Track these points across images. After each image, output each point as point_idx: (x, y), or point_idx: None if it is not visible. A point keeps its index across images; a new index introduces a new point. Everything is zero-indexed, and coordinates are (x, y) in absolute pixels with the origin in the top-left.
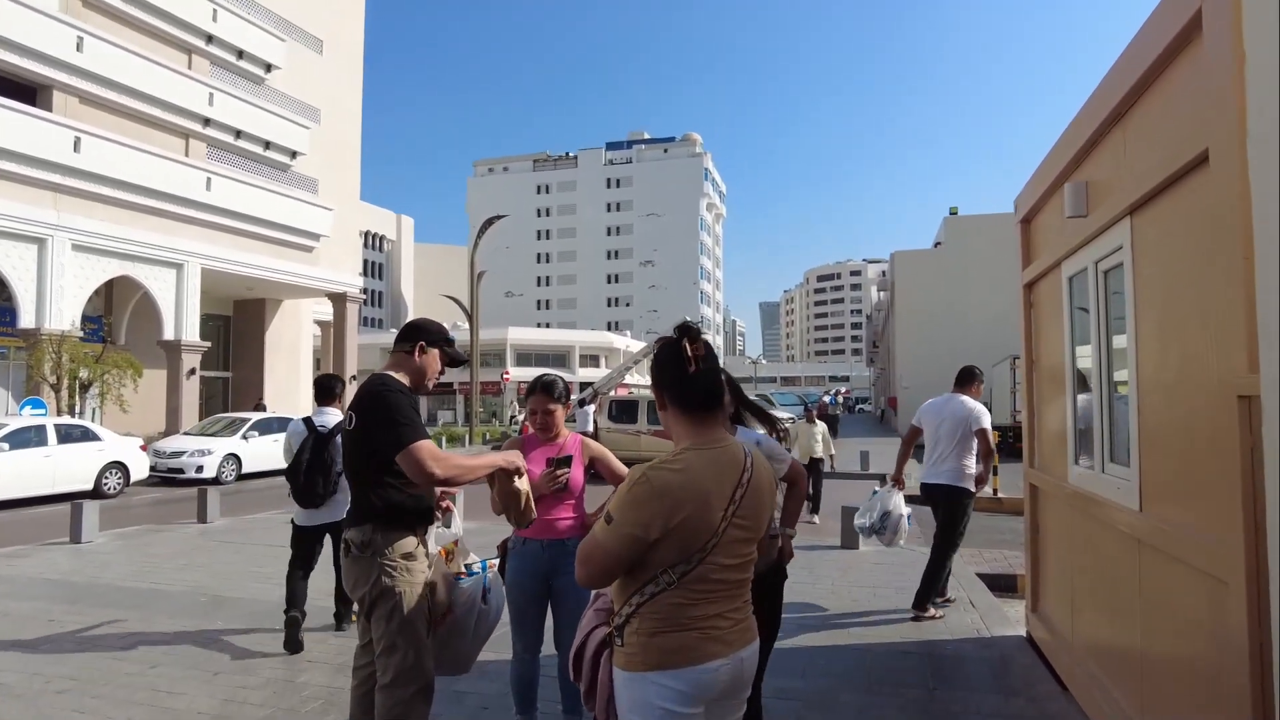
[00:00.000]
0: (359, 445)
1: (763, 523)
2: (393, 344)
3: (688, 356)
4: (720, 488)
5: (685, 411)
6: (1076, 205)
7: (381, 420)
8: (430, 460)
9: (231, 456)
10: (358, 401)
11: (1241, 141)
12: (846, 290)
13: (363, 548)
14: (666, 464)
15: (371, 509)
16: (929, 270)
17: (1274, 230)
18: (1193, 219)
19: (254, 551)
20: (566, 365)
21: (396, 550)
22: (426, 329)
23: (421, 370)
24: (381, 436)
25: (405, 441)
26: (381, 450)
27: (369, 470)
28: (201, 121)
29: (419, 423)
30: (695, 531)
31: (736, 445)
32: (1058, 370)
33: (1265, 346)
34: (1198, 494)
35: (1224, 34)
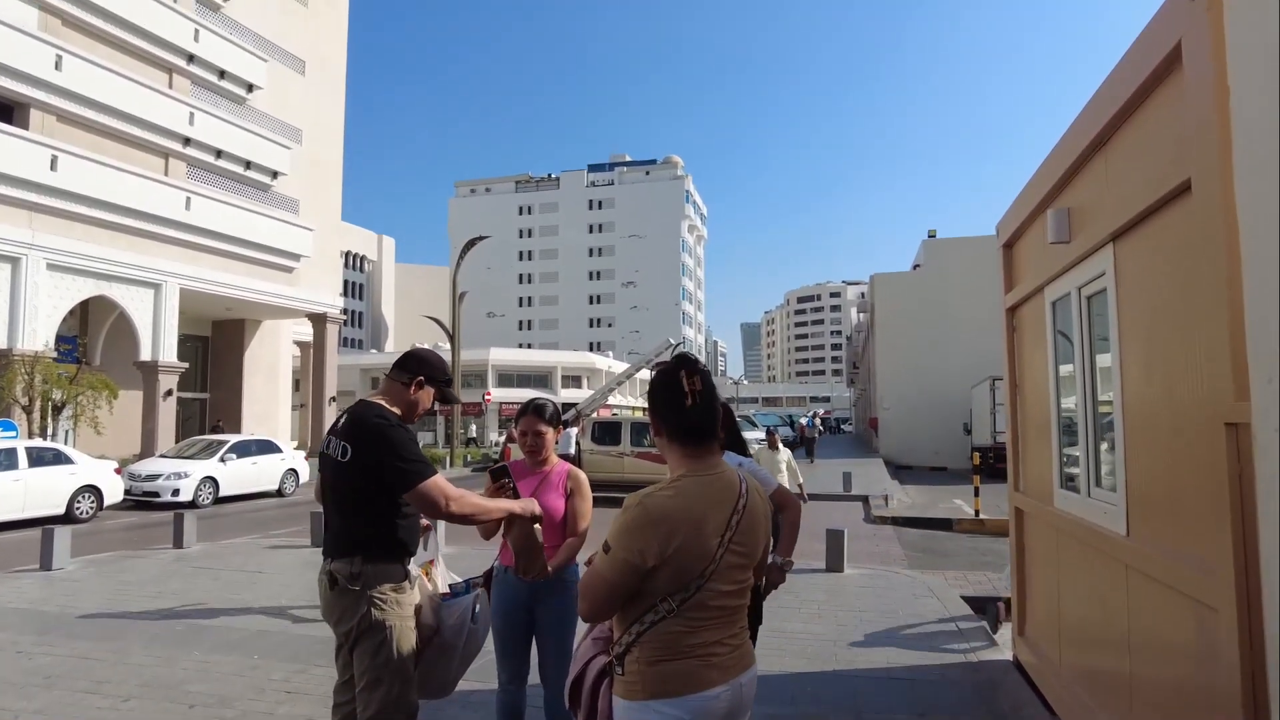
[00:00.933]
0: (351, 477)
1: (759, 549)
2: (389, 370)
3: (685, 390)
4: (716, 514)
5: (681, 441)
6: (1059, 231)
7: (388, 456)
8: (445, 498)
9: (209, 479)
10: (354, 433)
11: (1225, 172)
12: (826, 311)
13: (351, 580)
14: (661, 490)
15: (359, 540)
16: (908, 292)
17: (1264, 263)
18: (1176, 247)
19: (232, 578)
20: (548, 386)
21: (386, 582)
22: (429, 364)
23: (413, 405)
24: (391, 473)
25: (419, 478)
26: (390, 487)
27: (359, 502)
28: (182, 141)
29: (423, 460)
30: (692, 558)
31: (732, 472)
32: (1041, 394)
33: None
34: (1185, 519)
35: (1205, 67)
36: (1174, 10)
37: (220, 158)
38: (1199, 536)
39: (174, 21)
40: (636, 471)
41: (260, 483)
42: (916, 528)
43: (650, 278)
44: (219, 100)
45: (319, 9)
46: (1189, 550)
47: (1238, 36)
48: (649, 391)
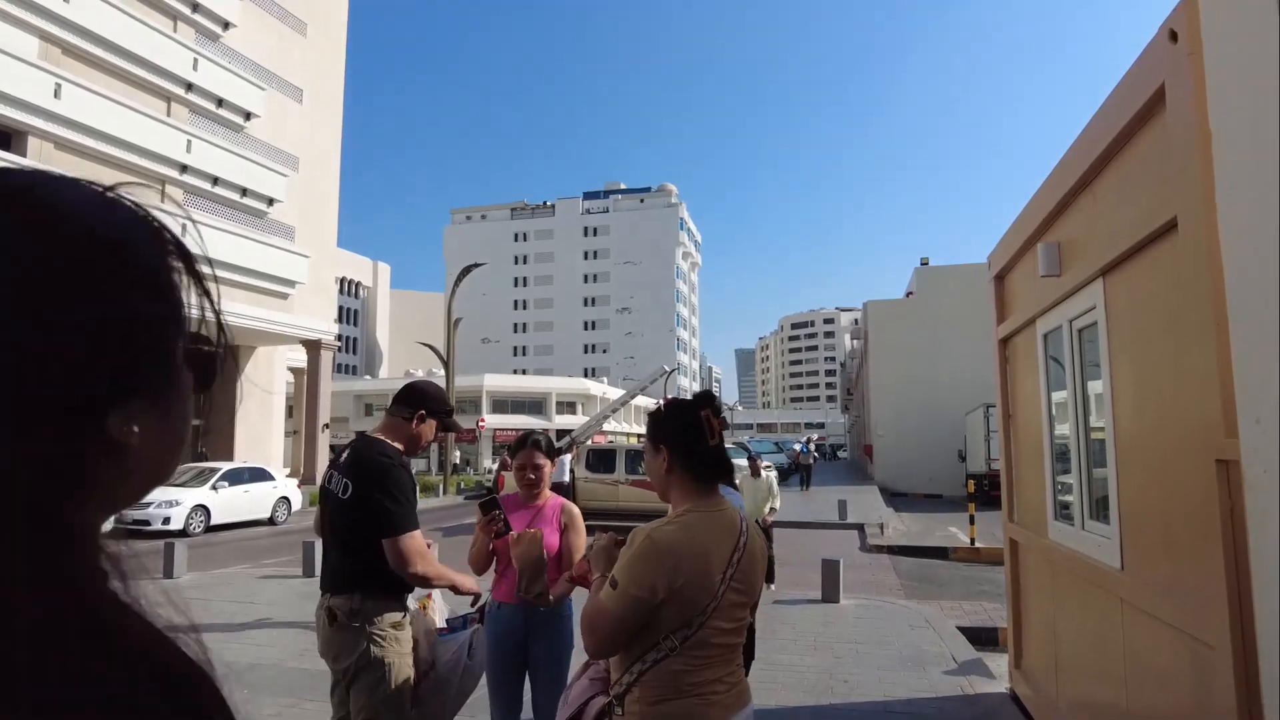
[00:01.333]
0: (351, 514)
1: (757, 587)
2: (390, 405)
3: (711, 429)
4: (719, 551)
5: (695, 479)
6: (1050, 265)
7: (383, 496)
8: (416, 557)
9: (200, 508)
10: (357, 470)
11: (1210, 212)
12: (820, 338)
13: (351, 616)
14: (668, 524)
15: (360, 577)
16: (901, 319)
17: (1251, 304)
18: (1164, 282)
19: (223, 609)
20: (543, 412)
21: (385, 619)
22: (429, 397)
23: (416, 439)
24: (377, 513)
25: (398, 529)
26: (374, 527)
27: (360, 539)
28: (178, 168)
29: (414, 509)
30: (697, 594)
31: (733, 510)
32: (1034, 425)
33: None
34: (1179, 554)
35: (1187, 110)
36: (1156, 54)
37: (217, 184)
38: (1193, 571)
39: (174, 51)
40: (632, 500)
41: (252, 511)
42: (912, 556)
43: (645, 304)
44: (216, 128)
45: (317, 39)
46: (1184, 585)
47: (1218, 81)
48: (661, 421)
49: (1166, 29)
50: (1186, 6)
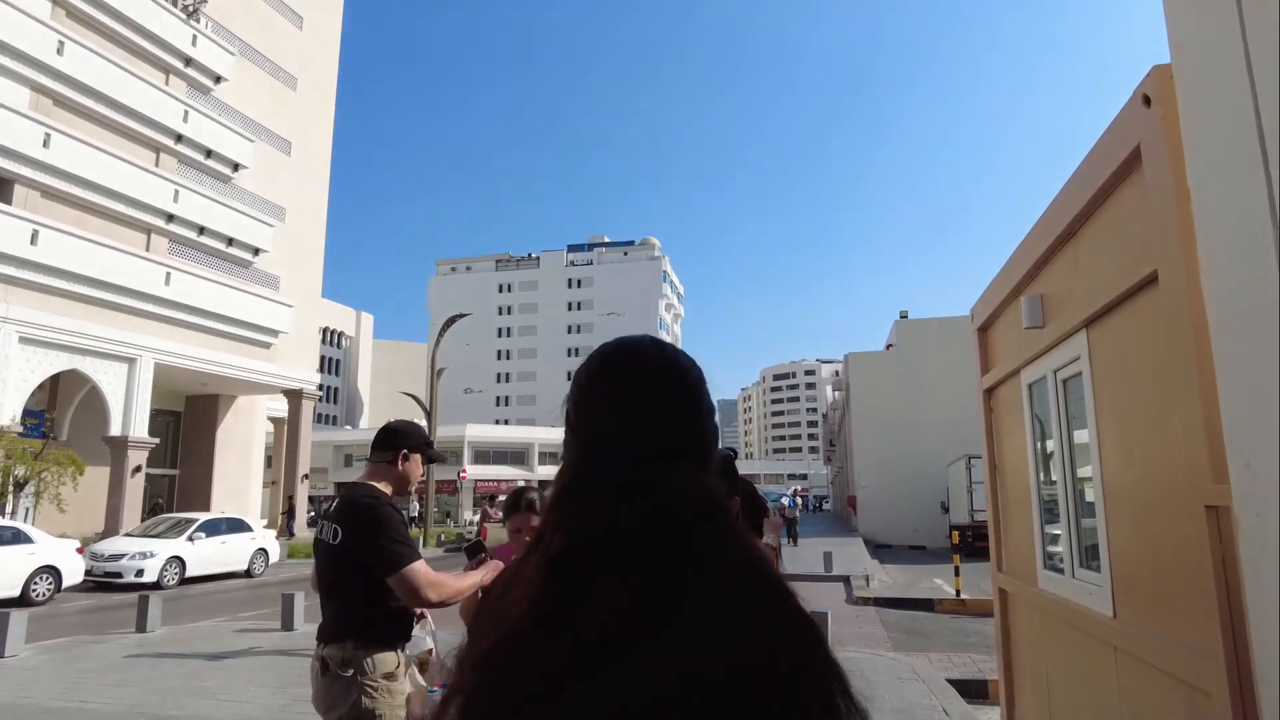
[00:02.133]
0: (343, 559)
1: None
2: (370, 453)
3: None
4: None
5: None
6: (1033, 317)
7: (375, 537)
8: (426, 586)
9: (175, 559)
10: (345, 515)
11: (1191, 266)
12: (802, 389)
13: (343, 665)
14: None
15: (352, 625)
16: (882, 371)
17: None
18: (1147, 333)
19: (197, 665)
20: (525, 463)
21: (378, 669)
22: (405, 434)
23: (405, 478)
24: (375, 555)
25: (402, 564)
26: (374, 569)
27: (354, 586)
28: (165, 217)
29: (412, 542)
30: None
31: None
32: (1021, 474)
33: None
34: (1172, 601)
35: (1164, 170)
36: (1132, 116)
37: (203, 234)
38: (1187, 618)
39: (164, 103)
40: None
41: (229, 563)
42: (898, 608)
43: None
44: (204, 178)
45: (307, 93)
46: (1178, 632)
47: (1194, 142)
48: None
49: (1140, 94)
50: (1159, 72)
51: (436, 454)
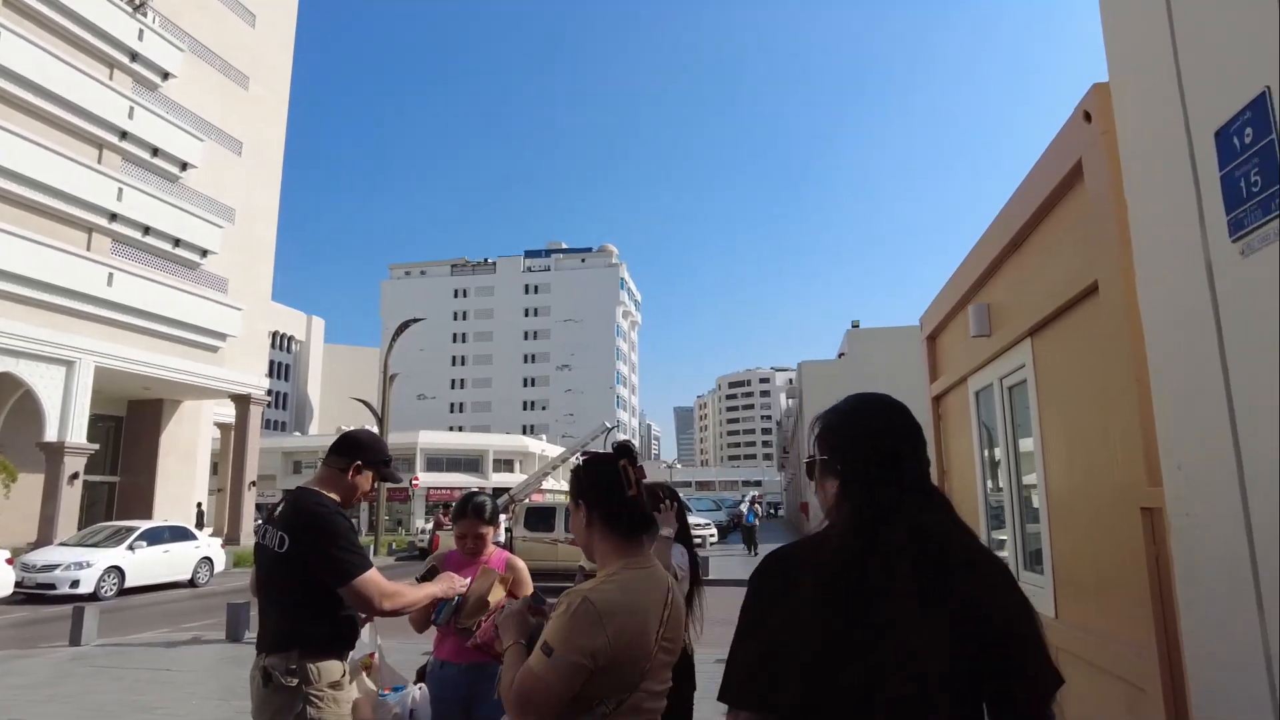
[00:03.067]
0: (289, 568)
1: (680, 644)
2: (326, 456)
3: (629, 479)
4: (654, 608)
5: (616, 533)
6: (980, 326)
7: (327, 547)
8: (380, 596)
9: (114, 569)
10: (292, 522)
11: (1128, 276)
12: (757, 397)
13: (288, 675)
14: (604, 585)
15: (298, 635)
16: (833, 379)
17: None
18: (1088, 341)
19: (136, 678)
20: (480, 470)
21: (324, 678)
22: (366, 446)
23: (352, 489)
24: (327, 565)
25: (356, 573)
26: (327, 579)
27: (299, 595)
28: (108, 216)
29: (363, 550)
30: (636, 656)
31: (659, 566)
32: (968, 481)
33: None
34: (1111, 601)
35: (1103, 184)
36: (1074, 131)
37: (148, 234)
38: (1124, 617)
39: (108, 99)
40: (571, 558)
41: (172, 572)
42: None
43: (585, 361)
44: (150, 177)
45: (260, 93)
46: (1116, 631)
47: (1130, 158)
48: (580, 478)
49: (1082, 110)
50: (1098, 90)
51: (392, 474)
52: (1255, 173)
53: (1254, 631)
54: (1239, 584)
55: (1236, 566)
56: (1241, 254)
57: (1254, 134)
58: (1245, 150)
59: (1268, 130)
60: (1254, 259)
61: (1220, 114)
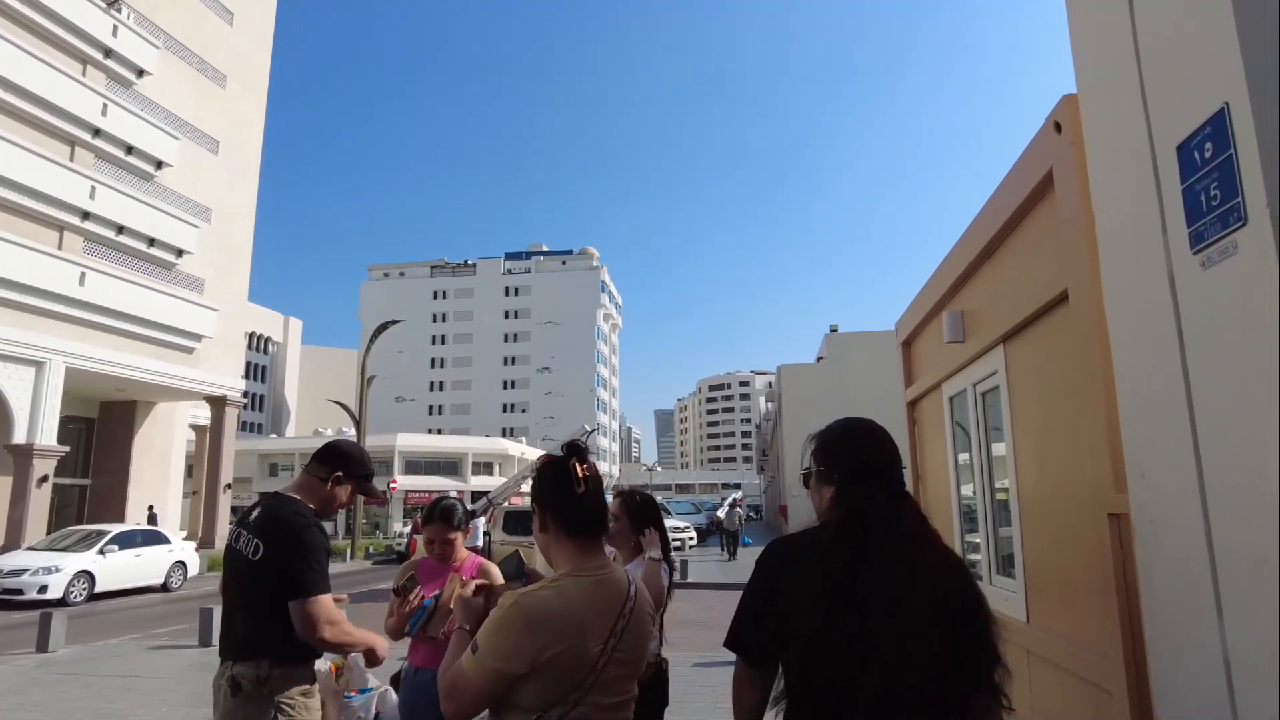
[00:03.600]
0: (263, 576)
1: (643, 656)
2: (308, 463)
3: (576, 477)
4: (600, 619)
5: (569, 534)
6: (954, 332)
7: (296, 558)
8: (325, 622)
9: (84, 574)
10: (269, 530)
11: (1095, 286)
12: (737, 400)
13: (258, 684)
14: (541, 590)
15: (270, 643)
16: (812, 382)
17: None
18: (1058, 349)
19: (105, 685)
20: (458, 473)
21: (295, 688)
22: (350, 458)
23: (330, 500)
24: (288, 574)
25: (311, 592)
26: (283, 588)
27: (274, 603)
28: (80, 215)
29: (326, 571)
30: (571, 667)
31: (620, 572)
32: (942, 484)
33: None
34: (1079, 606)
35: (1073, 194)
36: (1044, 143)
37: (122, 234)
38: (1092, 621)
39: (81, 95)
40: None
41: (144, 577)
42: None
43: (565, 364)
44: (125, 175)
45: (237, 91)
46: (1084, 635)
47: (1098, 169)
48: (535, 483)
49: (1052, 120)
50: (1068, 101)
51: (372, 490)
52: (1215, 186)
53: (1214, 636)
54: (1200, 590)
55: (1197, 573)
56: (1202, 266)
57: (1214, 148)
58: (1206, 164)
59: (1227, 146)
60: (1214, 271)
61: (1182, 128)
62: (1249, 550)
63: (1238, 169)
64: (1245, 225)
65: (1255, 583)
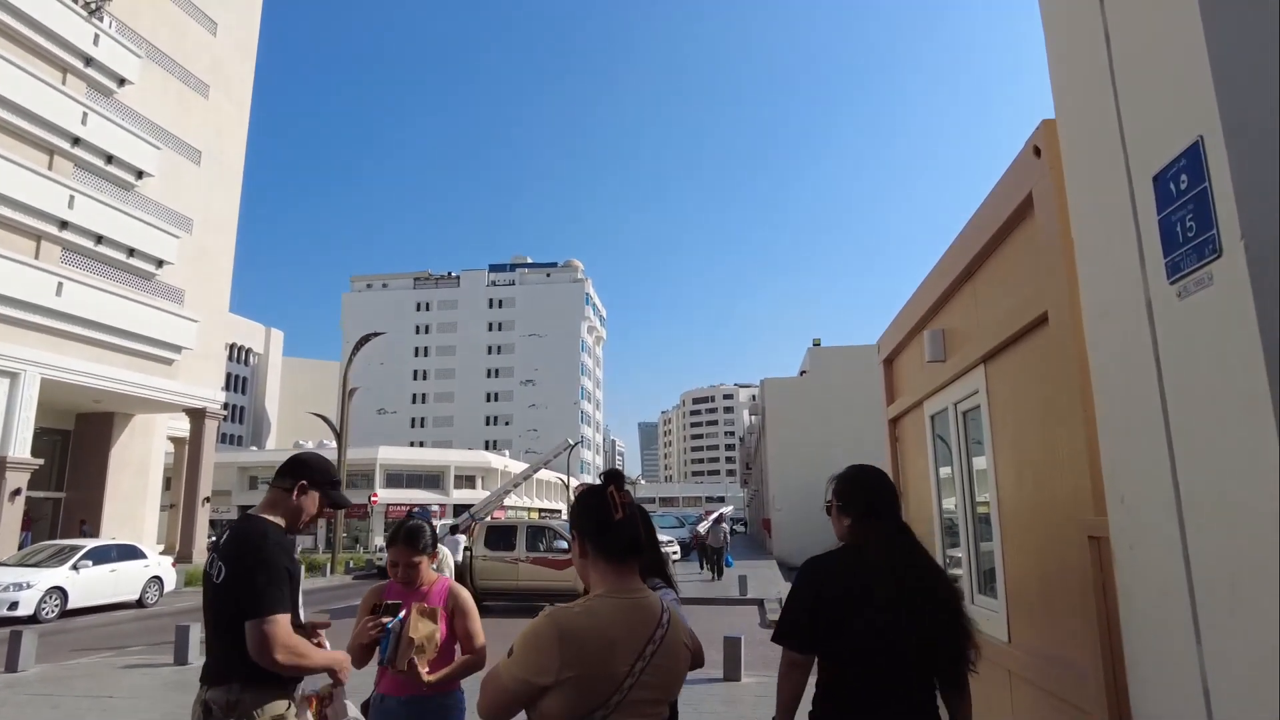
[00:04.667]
0: (228, 597)
1: (675, 683)
2: (273, 479)
3: (615, 503)
4: (630, 640)
5: (607, 558)
6: (935, 351)
7: (250, 575)
8: (279, 646)
9: (56, 590)
10: (230, 550)
11: (1075, 309)
12: (720, 413)
13: (228, 710)
14: (575, 607)
15: (238, 666)
16: (795, 396)
17: (1112, 394)
18: (1039, 371)
19: (74, 706)
20: (440, 487)
21: (266, 713)
22: (310, 467)
23: (298, 512)
24: (244, 592)
25: (263, 612)
26: (240, 606)
27: (235, 624)
28: (58, 224)
29: (285, 592)
30: (596, 686)
31: (654, 597)
32: (924, 502)
33: (1112, 497)
34: (1060, 627)
35: (1052, 217)
36: (1024, 167)
37: (101, 243)
38: (1073, 643)
39: (60, 103)
40: (532, 579)
41: (119, 592)
42: None
43: (549, 376)
44: (104, 184)
45: (219, 100)
46: (1065, 656)
47: (1076, 195)
48: (574, 511)
49: (1031, 145)
50: (1046, 126)
51: (340, 498)
52: (1190, 218)
53: (1192, 661)
54: (1178, 615)
55: (1175, 598)
56: (1179, 296)
57: (1189, 180)
58: (1181, 196)
59: (1201, 179)
60: (1190, 301)
61: (1158, 159)
62: (1226, 576)
63: (1212, 202)
64: (1220, 257)
65: (1232, 608)
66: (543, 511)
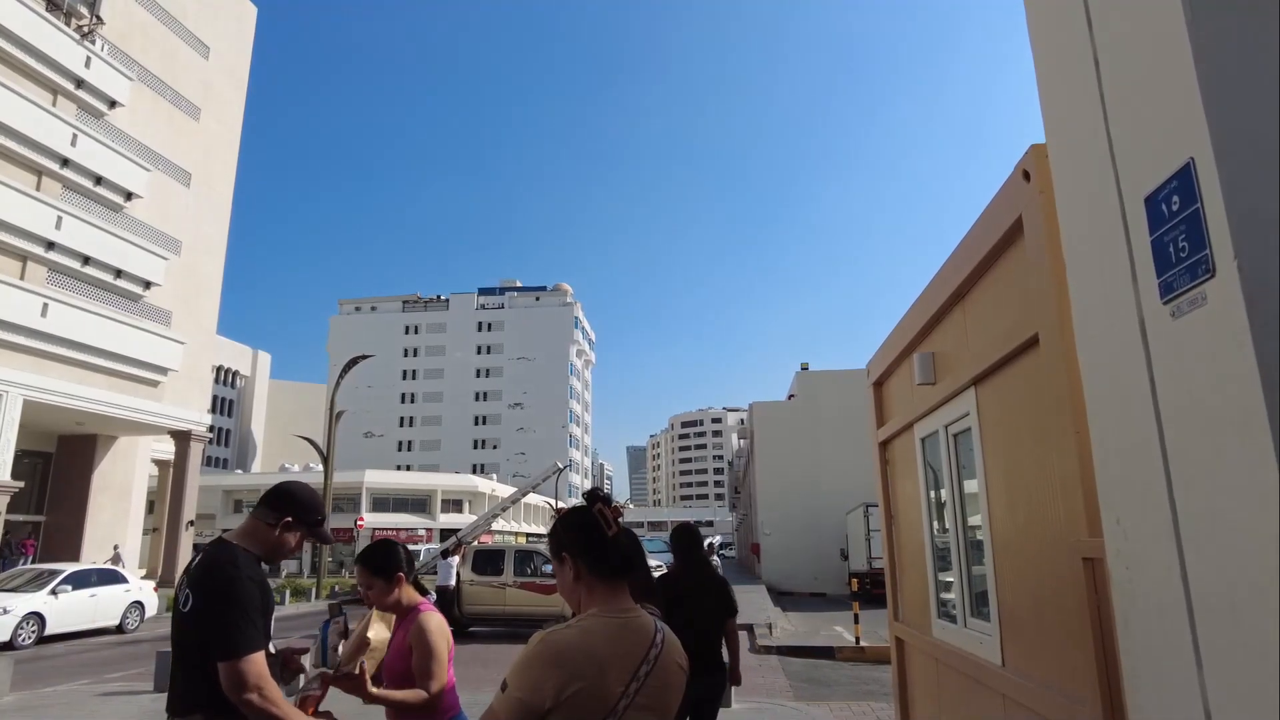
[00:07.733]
0: (193, 627)
1: (671, 707)
2: (256, 505)
3: (608, 519)
4: (622, 660)
5: (601, 577)
6: (925, 374)
7: (220, 611)
8: (255, 685)
9: (33, 616)
10: (200, 581)
11: (1066, 331)
12: (709, 436)
13: None
14: (567, 628)
15: (202, 699)
16: (784, 421)
17: (1106, 416)
18: (1030, 393)
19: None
20: (427, 510)
21: None
22: (297, 502)
23: (278, 546)
24: (215, 630)
25: (241, 650)
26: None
27: (201, 656)
28: (44, 245)
29: (258, 628)
30: (590, 706)
31: (646, 617)
32: (915, 526)
33: (1107, 519)
34: (1054, 650)
35: (1042, 241)
36: (1014, 189)
37: (88, 264)
38: (1068, 667)
39: (50, 125)
40: (519, 603)
41: (98, 618)
42: (800, 656)
43: (538, 400)
44: (92, 206)
45: (210, 124)
46: (1059, 680)
47: (1067, 217)
48: (559, 533)
49: (1021, 169)
50: (1036, 150)
51: (324, 535)
52: (1183, 239)
53: (1193, 687)
54: (1178, 639)
55: (1175, 622)
56: (1173, 316)
57: (1181, 202)
58: (1173, 217)
59: (1193, 199)
60: (1184, 321)
61: (1149, 181)
62: (1226, 598)
63: (1205, 222)
64: (1213, 277)
65: (1234, 631)
66: (530, 536)
